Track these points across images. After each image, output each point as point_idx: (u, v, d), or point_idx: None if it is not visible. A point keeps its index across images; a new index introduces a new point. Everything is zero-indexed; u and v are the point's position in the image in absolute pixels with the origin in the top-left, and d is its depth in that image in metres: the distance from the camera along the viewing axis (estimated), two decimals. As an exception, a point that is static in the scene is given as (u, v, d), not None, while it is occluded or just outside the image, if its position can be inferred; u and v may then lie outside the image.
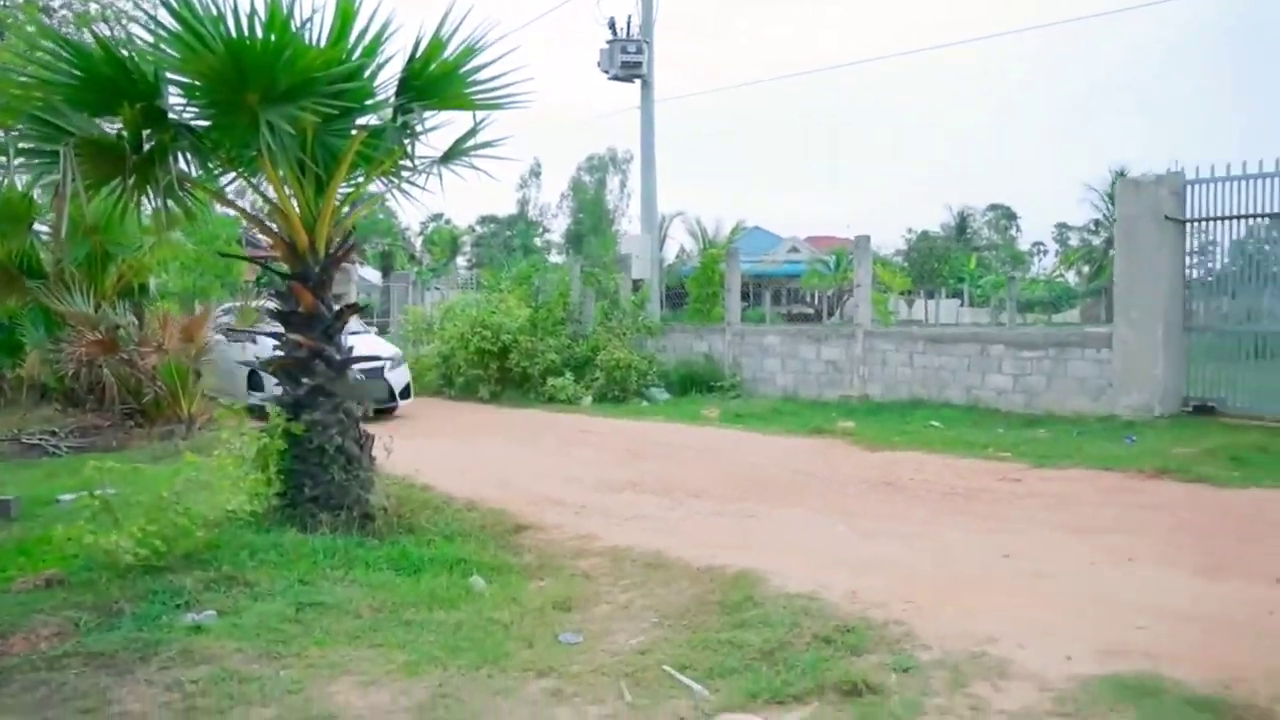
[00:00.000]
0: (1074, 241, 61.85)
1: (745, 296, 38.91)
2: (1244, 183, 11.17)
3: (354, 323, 12.37)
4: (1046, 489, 8.39)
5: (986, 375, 13.03)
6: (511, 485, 8.65)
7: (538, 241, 60.66)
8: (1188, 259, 11.80)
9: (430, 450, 10.28)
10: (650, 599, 5.39)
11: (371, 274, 38.35)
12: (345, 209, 7.08)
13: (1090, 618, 4.85)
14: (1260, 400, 11.07)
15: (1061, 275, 52.57)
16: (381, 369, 13.47)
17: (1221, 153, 69.48)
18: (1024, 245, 70.00)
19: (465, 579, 5.64)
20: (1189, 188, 11.59)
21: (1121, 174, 44.31)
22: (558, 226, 64.42)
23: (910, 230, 61.61)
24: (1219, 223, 11.52)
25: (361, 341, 12.26)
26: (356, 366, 7.33)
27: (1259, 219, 11.27)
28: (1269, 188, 10.95)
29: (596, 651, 4.57)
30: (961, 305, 44.69)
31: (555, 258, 47.94)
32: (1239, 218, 11.33)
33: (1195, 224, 11.66)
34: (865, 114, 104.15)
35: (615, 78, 20.23)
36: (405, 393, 14.41)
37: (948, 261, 53.54)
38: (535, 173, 63.59)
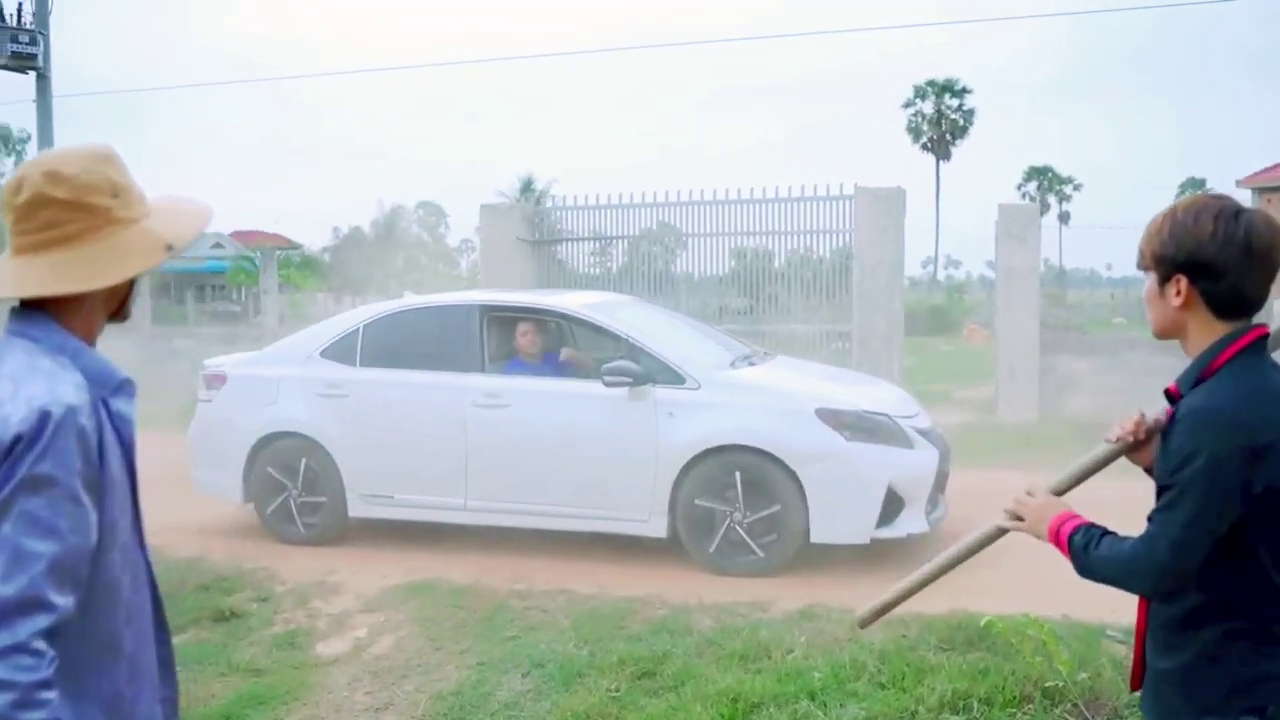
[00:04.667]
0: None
1: (166, 293, 37.61)
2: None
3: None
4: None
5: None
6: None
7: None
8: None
9: None
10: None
11: None
12: None
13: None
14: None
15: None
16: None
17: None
18: (453, 242, 74.44)
19: None
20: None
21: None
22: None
23: (337, 229, 62.74)
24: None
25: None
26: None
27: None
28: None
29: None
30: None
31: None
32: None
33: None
34: (297, 118, 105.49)
35: (5, 66, 19.13)
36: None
37: (376, 259, 55.56)
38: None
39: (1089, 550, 1.89)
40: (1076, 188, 75.24)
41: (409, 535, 6.82)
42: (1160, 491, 1.83)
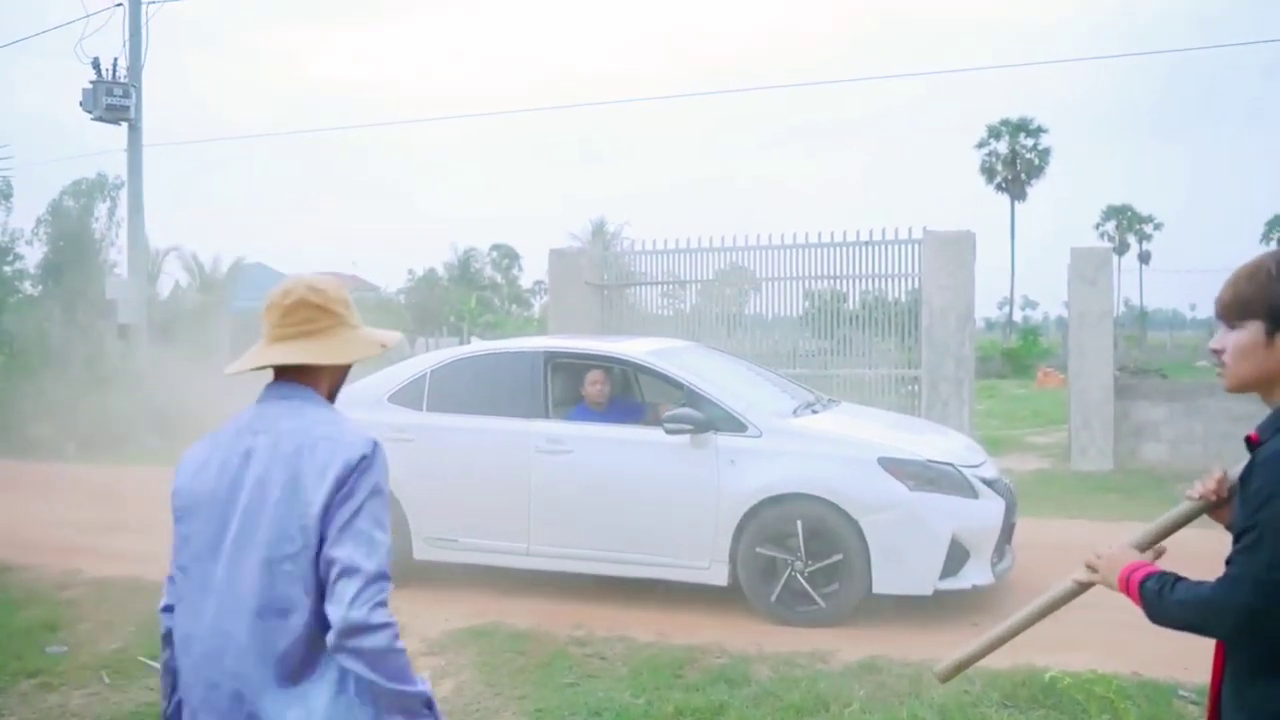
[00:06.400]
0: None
1: (250, 332, 38.57)
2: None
3: None
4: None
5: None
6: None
7: (7, 270, 54.48)
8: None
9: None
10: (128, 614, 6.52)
11: None
12: None
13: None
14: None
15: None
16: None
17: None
18: (526, 284, 75.13)
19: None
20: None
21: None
22: (32, 255, 58.30)
23: (412, 271, 63.70)
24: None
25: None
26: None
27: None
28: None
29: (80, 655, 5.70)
30: (461, 343, 47.52)
31: (30, 289, 43.75)
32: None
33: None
34: (375, 164, 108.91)
35: (100, 119, 20.00)
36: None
37: (449, 301, 56.38)
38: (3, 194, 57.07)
39: (1163, 595, 1.86)
40: (1157, 227, 73.68)
41: (472, 579, 6.88)
42: (1239, 536, 1.80)
